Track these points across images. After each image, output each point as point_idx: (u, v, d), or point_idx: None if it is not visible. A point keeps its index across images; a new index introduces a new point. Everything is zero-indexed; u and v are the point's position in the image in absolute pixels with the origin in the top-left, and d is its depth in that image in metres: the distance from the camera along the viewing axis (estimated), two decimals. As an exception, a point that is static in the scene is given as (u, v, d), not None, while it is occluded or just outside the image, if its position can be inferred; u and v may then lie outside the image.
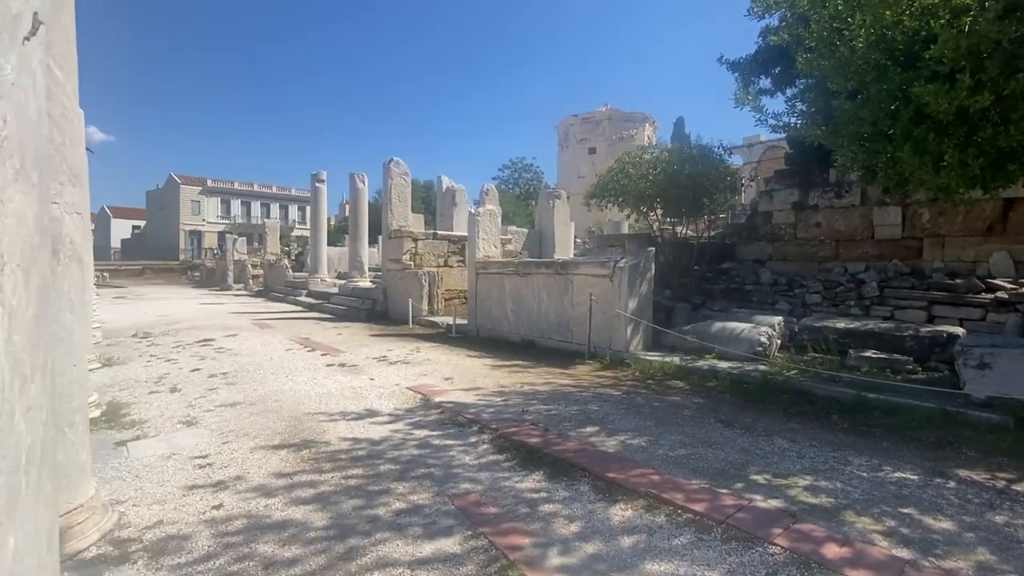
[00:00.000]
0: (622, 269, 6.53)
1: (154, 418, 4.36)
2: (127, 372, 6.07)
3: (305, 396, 4.95)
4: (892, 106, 4.12)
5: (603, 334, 6.71)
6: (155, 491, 2.99)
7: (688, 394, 5.00)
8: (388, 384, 5.38)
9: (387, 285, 11.94)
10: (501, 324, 8.47)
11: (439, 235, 12.33)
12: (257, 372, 6.03)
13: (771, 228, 10.13)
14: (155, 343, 8.22)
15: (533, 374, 5.85)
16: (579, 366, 6.30)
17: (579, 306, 7.08)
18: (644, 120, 40.07)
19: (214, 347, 7.76)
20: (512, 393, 4.98)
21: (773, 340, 6.29)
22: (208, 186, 54.28)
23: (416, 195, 38.50)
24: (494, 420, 4.11)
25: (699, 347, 6.39)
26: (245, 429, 4.04)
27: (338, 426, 4.05)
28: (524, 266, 8.12)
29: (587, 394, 4.94)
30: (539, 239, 15.11)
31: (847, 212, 9.11)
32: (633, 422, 4.08)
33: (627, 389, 5.16)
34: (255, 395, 5.02)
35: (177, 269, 38.19)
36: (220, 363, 6.59)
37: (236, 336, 8.89)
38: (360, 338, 8.74)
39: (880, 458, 3.33)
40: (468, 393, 4.94)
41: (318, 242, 16.47)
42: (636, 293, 6.60)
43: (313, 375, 5.85)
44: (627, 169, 7.77)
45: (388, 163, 12.19)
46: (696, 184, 7.66)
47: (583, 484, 2.96)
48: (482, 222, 9.14)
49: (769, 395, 4.85)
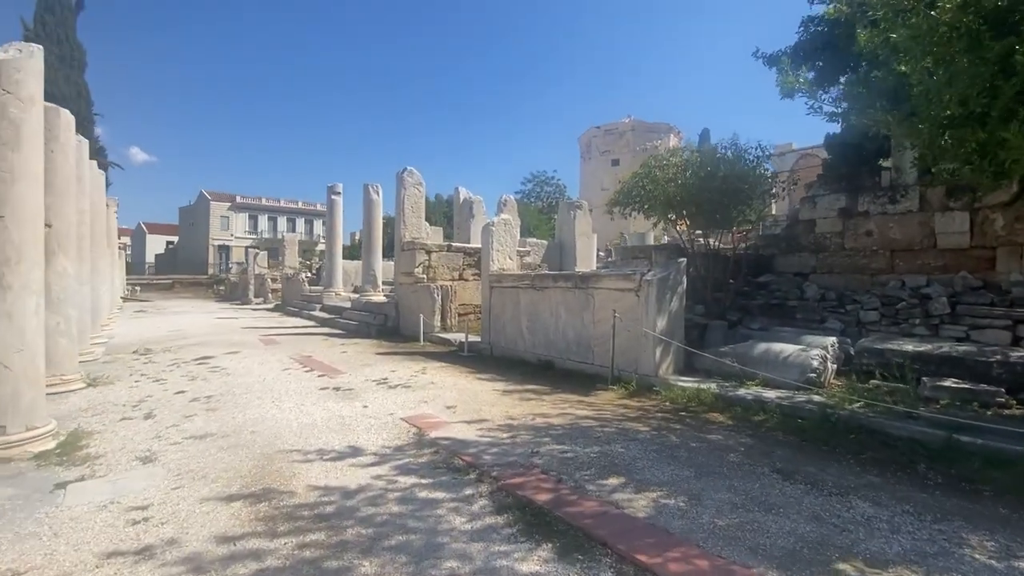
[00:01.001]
0: (649, 282, 5.78)
1: (112, 452, 3.81)
2: (108, 394, 5.60)
3: (286, 427, 4.34)
4: (988, 80, 3.33)
5: (628, 356, 5.95)
6: (65, 559, 2.39)
7: (731, 431, 4.20)
8: (381, 413, 4.74)
9: (399, 300, 11.40)
10: (516, 342, 7.78)
11: (454, 247, 11.77)
12: (244, 396, 5.48)
13: (814, 238, 9.21)
14: (152, 360, 7.81)
15: (548, 402, 5.12)
16: (601, 392, 5.55)
17: (601, 324, 6.34)
18: (668, 131, 39.20)
19: (209, 366, 7.29)
20: (522, 427, 4.27)
21: (828, 365, 5.43)
22: (237, 202, 55.54)
23: (439, 210, 38.47)
24: (497, 464, 3.41)
25: (740, 372, 5.57)
26: (205, 469, 3.44)
27: (311, 469, 3.41)
28: (540, 279, 7.44)
29: (610, 430, 4.19)
30: (559, 251, 14.42)
31: (903, 219, 8.16)
32: (667, 471, 3.31)
33: (657, 424, 4.39)
34: (232, 425, 4.44)
35: (205, 283, 38.78)
36: (209, 384, 6.07)
37: (237, 354, 8.42)
38: (365, 356, 8.16)
39: (1004, 534, 2.50)
40: (470, 427, 4.25)
41: (333, 255, 16.13)
42: (666, 310, 5.83)
43: (302, 401, 5.25)
44: (654, 173, 7.03)
45: (401, 173, 11.74)
46: (731, 189, 6.87)
47: (605, 569, 2.22)
48: (496, 232, 8.52)
49: (832, 434, 4.02)
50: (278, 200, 58.94)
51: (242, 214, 55.75)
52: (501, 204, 14.00)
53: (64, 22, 25.69)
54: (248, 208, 56.42)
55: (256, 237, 53.28)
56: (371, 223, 13.72)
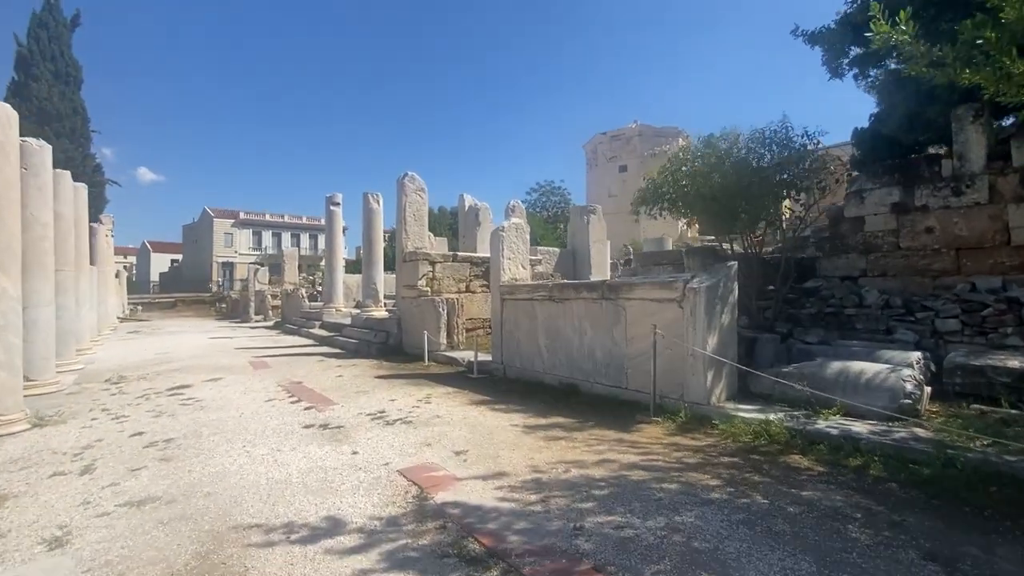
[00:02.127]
0: (696, 291, 4.81)
1: (18, 529, 2.89)
2: (52, 438, 4.68)
3: (251, 486, 3.40)
4: None
5: (672, 379, 4.98)
6: None
7: (829, 484, 3.21)
8: (374, 463, 3.78)
9: (401, 315, 10.48)
10: (533, 362, 6.81)
11: (459, 256, 10.86)
12: (211, 439, 4.54)
13: (863, 237, 8.22)
14: (123, 391, 6.90)
15: (581, 443, 4.14)
16: (643, 426, 4.57)
17: (636, 341, 5.38)
18: (677, 134, 38.33)
19: (183, 397, 6.37)
20: (554, 484, 3.29)
21: (923, 388, 4.42)
22: (240, 218, 55.17)
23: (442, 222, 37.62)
24: (528, 551, 2.44)
25: (809, 398, 4.57)
26: (127, 560, 2.50)
27: (271, 559, 2.46)
28: (560, 290, 6.49)
29: (672, 487, 3.21)
30: (572, 259, 13.46)
31: (970, 213, 7.17)
32: (775, 562, 2.33)
33: (729, 474, 3.40)
34: (184, 483, 3.50)
35: (208, 301, 38.07)
36: (175, 423, 5.15)
37: (219, 381, 7.51)
38: (362, 381, 7.21)
39: None
40: (487, 485, 3.28)
41: (333, 269, 15.28)
42: (716, 324, 4.87)
43: (280, 444, 4.31)
44: (696, 162, 6.05)
45: (402, 178, 10.89)
46: (780, 180, 5.91)
47: None
48: (507, 238, 7.61)
49: (966, 487, 3.02)
50: (282, 216, 58.53)
51: (246, 230, 55.33)
52: (509, 210, 13.12)
53: (59, 38, 25.29)
54: (252, 224, 56.01)
55: (260, 253, 52.78)
56: (371, 233, 12.87)
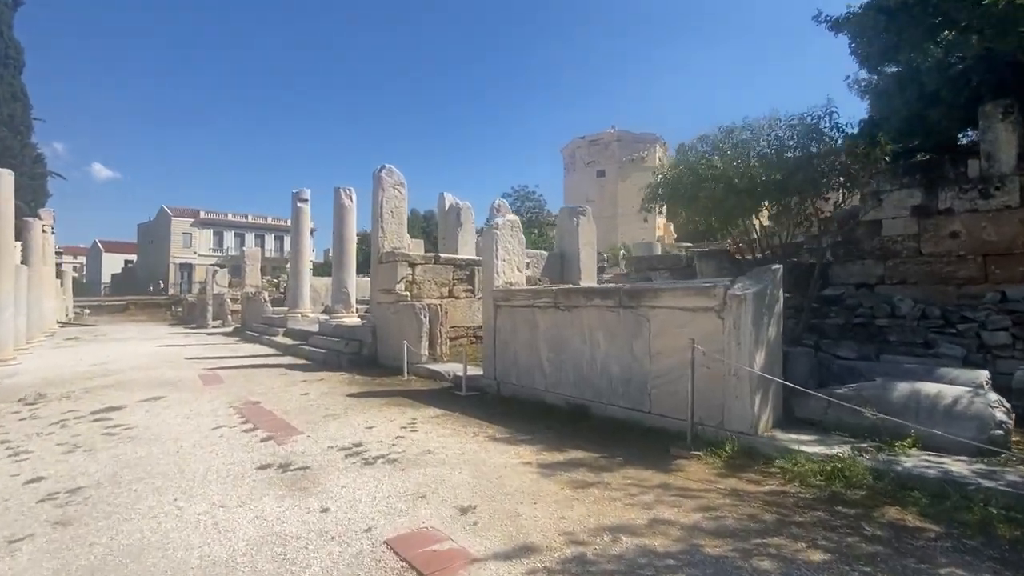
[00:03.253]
0: (742, 299, 4.04)
1: None
2: (-85, 488, 3.53)
3: (177, 572, 2.39)
4: None
5: (707, 402, 4.19)
6: None
7: (961, 553, 2.44)
8: (353, 527, 2.81)
9: (377, 322, 9.44)
10: (533, 378, 5.94)
11: (442, 259, 9.92)
12: (133, 487, 3.48)
13: (880, 242, 7.71)
14: (36, 415, 5.68)
15: (618, 490, 3.28)
16: (683, 463, 3.75)
17: (662, 356, 4.57)
18: (655, 141, 38.28)
19: (109, 424, 5.21)
20: (605, 564, 2.41)
21: (1011, 415, 3.76)
22: (200, 218, 52.46)
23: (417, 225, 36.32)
24: None
25: (874, 424, 3.85)
26: None
27: None
28: (567, 295, 5.65)
29: (764, 564, 2.37)
30: (560, 263, 12.65)
31: (999, 217, 6.70)
32: None
33: (826, 540, 2.59)
34: (80, 568, 2.46)
35: (163, 304, 35.72)
36: (92, 461, 4.04)
37: (159, 400, 6.34)
38: (332, 401, 6.18)
39: None
40: (514, 569, 2.37)
41: (299, 271, 14.06)
42: (764, 338, 4.10)
43: (224, 497, 3.28)
44: (725, 151, 5.32)
45: (379, 171, 9.87)
46: (811, 171, 5.24)
47: None
48: (502, 237, 6.73)
49: None
50: (246, 216, 55.97)
51: (206, 230, 52.62)
52: (494, 209, 12.25)
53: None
54: (213, 224, 53.33)
55: (221, 255, 50.21)
56: (343, 232, 11.76)
